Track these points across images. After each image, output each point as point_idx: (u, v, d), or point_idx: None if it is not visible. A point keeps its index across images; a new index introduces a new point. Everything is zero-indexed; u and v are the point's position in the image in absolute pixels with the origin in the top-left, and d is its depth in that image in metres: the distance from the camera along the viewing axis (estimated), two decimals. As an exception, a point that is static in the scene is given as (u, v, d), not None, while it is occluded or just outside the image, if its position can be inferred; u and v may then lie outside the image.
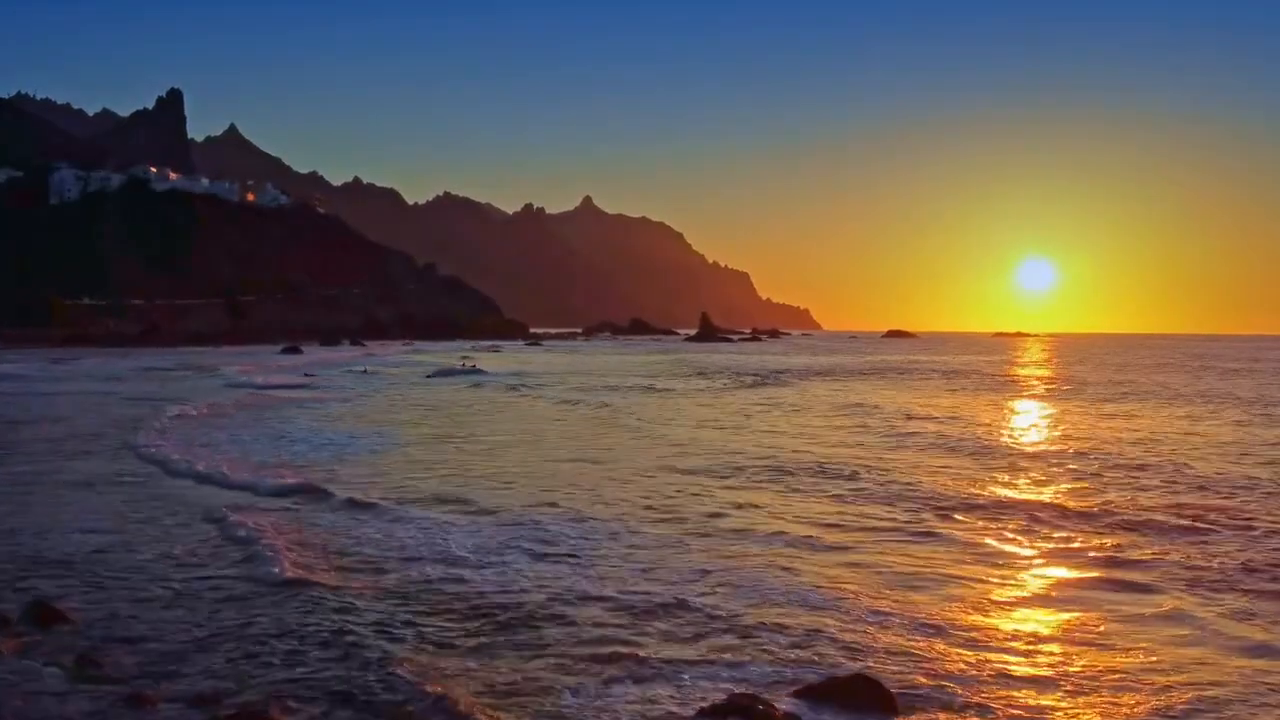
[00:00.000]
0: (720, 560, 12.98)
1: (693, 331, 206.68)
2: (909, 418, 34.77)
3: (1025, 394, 51.08)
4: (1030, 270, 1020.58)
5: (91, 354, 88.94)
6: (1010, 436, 29.69)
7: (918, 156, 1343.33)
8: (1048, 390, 53.79)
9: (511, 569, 12.40)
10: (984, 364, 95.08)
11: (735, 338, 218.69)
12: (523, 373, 67.63)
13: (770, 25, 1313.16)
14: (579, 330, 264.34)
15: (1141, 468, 21.96)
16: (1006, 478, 20.85)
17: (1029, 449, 26.45)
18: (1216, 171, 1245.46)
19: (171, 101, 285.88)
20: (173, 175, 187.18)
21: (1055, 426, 32.92)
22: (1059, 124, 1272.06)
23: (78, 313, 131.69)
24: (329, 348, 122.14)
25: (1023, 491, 19.14)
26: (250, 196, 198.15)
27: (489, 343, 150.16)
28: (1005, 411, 39.71)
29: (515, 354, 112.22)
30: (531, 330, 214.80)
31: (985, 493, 18.73)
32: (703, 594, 11.25)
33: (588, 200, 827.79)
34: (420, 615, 10.48)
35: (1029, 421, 35.38)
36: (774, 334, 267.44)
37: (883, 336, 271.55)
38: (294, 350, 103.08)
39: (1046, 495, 18.63)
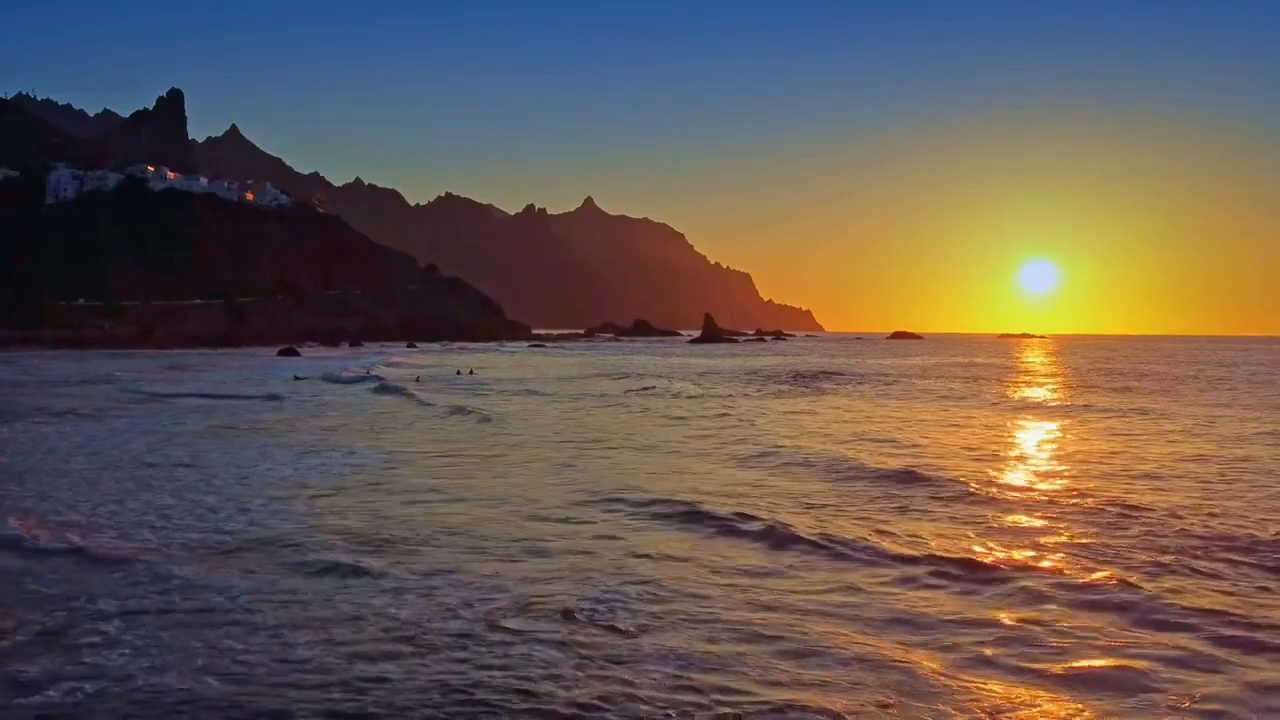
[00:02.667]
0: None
1: (696, 333, 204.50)
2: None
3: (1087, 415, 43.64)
4: (1033, 271, 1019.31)
5: (74, 356, 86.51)
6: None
7: (919, 157, 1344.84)
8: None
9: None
10: (1004, 368, 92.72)
11: (740, 339, 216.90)
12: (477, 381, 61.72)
13: (770, 25, 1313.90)
14: (580, 331, 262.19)
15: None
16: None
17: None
18: (1216, 172, 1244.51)
19: (172, 102, 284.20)
20: (171, 175, 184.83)
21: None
22: (1059, 124, 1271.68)
23: (73, 314, 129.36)
24: (329, 349, 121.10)
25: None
26: (250, 196, 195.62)
27: (467, 345, 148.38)
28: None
29: (504, 357, 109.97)
30: (534, 331, 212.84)
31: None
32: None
33: (589, 201, 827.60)
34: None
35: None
36: (778, 335, 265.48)
37: (888, 338, 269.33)
38: (291, 352, 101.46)
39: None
